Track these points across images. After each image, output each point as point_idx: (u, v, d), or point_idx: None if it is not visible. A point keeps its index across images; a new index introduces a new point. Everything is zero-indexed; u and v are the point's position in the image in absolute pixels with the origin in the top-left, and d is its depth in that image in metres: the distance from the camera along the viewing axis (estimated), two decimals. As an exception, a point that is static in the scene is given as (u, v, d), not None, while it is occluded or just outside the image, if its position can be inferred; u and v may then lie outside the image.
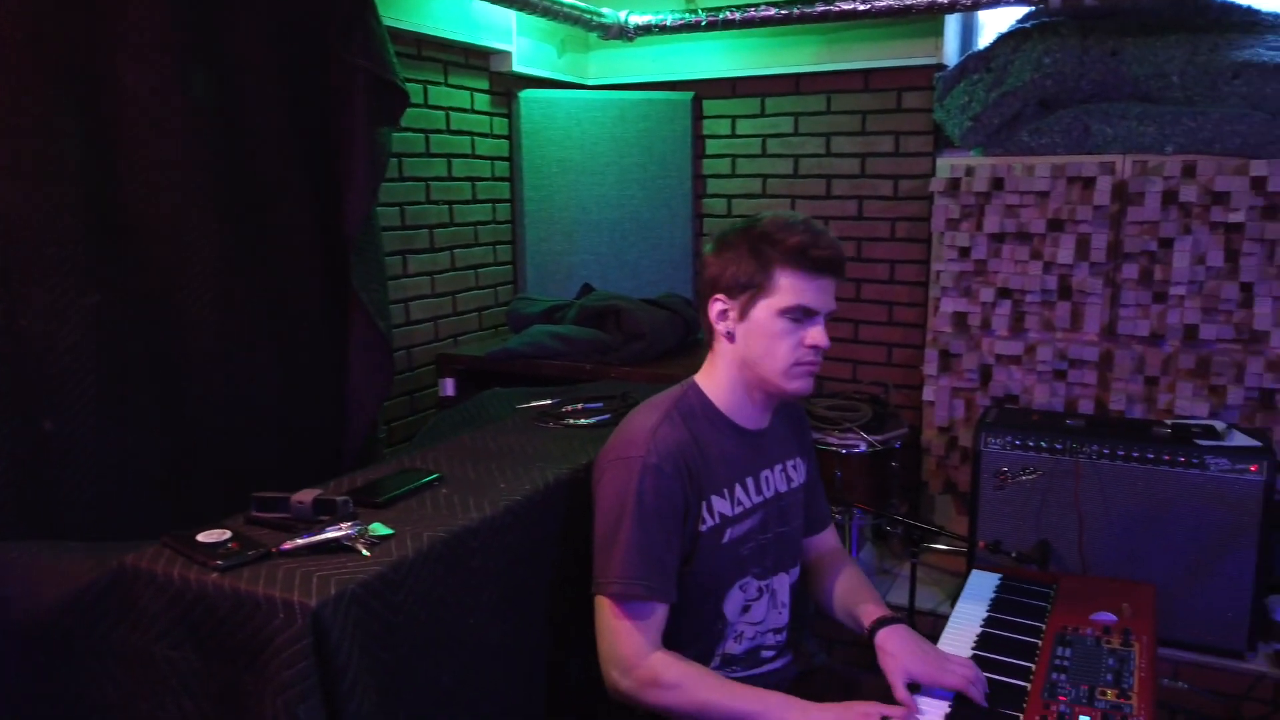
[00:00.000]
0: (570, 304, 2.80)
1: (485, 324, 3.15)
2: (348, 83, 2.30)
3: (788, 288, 1.49)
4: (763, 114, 3.33)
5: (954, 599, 1.87)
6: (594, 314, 2.66)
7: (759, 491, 1.63)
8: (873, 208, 3.21)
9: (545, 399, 2.10)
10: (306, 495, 1.31)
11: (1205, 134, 2.62)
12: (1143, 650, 1.63)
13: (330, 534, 1.24)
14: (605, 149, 3.26)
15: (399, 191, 2.75)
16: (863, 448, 2.93)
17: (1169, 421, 2.63)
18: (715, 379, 1.61)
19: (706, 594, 1.57)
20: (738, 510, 1.58)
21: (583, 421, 1.90)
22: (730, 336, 1.55)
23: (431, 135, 2.86)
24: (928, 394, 3.05)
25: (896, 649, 1.53)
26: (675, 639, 1.53)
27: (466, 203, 3.04)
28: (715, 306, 1.56)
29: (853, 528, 3.00)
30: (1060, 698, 1.47)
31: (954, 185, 2.93)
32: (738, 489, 1.59)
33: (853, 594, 1.71)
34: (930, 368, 3.04)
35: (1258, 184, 2.55)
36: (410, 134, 2.76)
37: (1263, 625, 2.47)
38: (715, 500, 1.55)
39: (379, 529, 1.29)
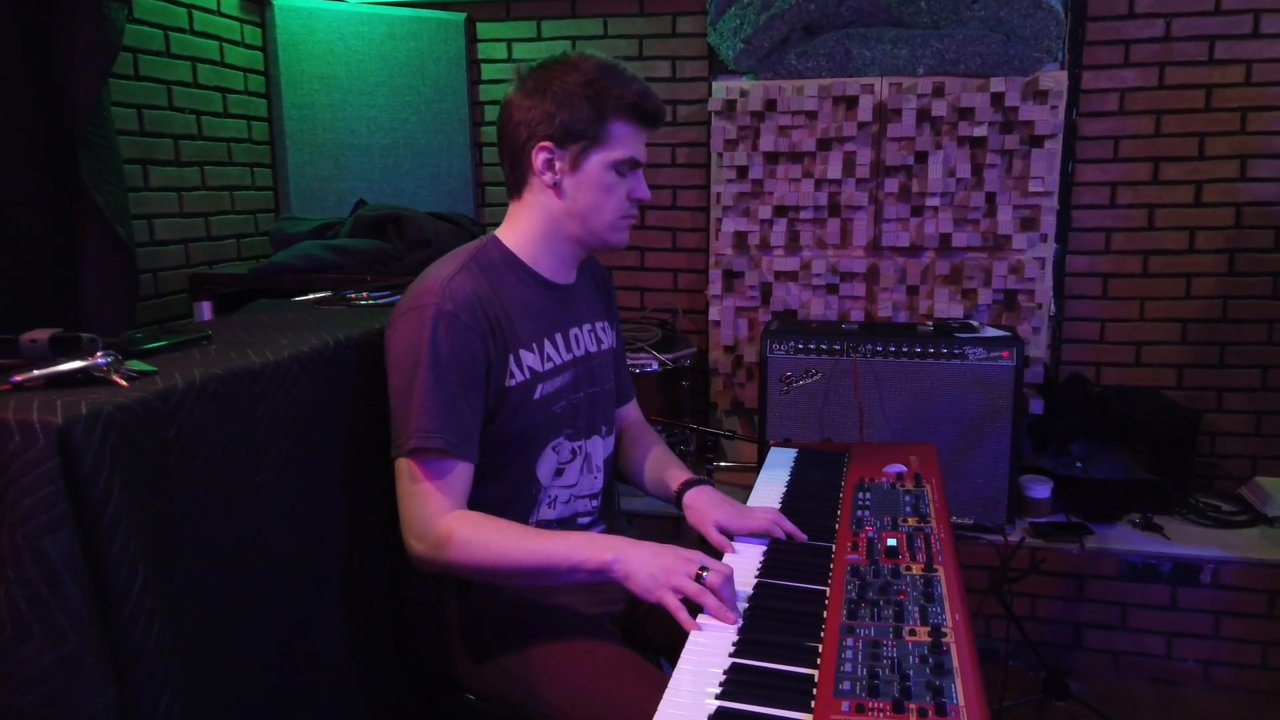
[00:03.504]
0: (343, 220, 2.59)
1: (245, 253, 2.86)
2: (68, -52, 1.99)
3: (623, 139, 1.44)
4: (539, 38, 3.26)
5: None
6: (371, 224, 2.47)
7: (569, 349, 1.56)
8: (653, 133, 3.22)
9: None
10: (41, 333, 1.09)
11: (951, 55, 2.84)
12: (934, 489, 1.71)
13: (76, 364, 1.03)
14: (374, 68, 3.06)
15: (135, 91, 2.43)
16: (654, 366, 2.94)
17: (930, 322, 2.83)
18: (520, 230, 1.52)
19: (518, 454, 1.48)
20: (548, 366, 1.50)
21: (369, 302, 1.74)
22: (557, 188, 1.47)
23: (171, 33, 2.55)
24: (713, 314, 3.11)
25: (703, 504, 1.58)
26: (487, 506, 1.42)
27: (217, 115, 2.74)
28: (540, 155, 1.46)
29: (648, 447, 3.00)
30: (867, 528, 1.51)
31: (730, 107, 3.00)
32: (547, 344, 1.51)
33: (660, 463, 1.74)
34: (715, 288, 3.10)
35: (997, 100, 2.80)
36: (145, 28, 2.45)
37: (1018, 502, 2.72)
38: (524, 354, 1.46)
39: (138, 365, 1.09)
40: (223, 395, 1.14)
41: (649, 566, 1.26)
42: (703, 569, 1.25)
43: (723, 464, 3.17)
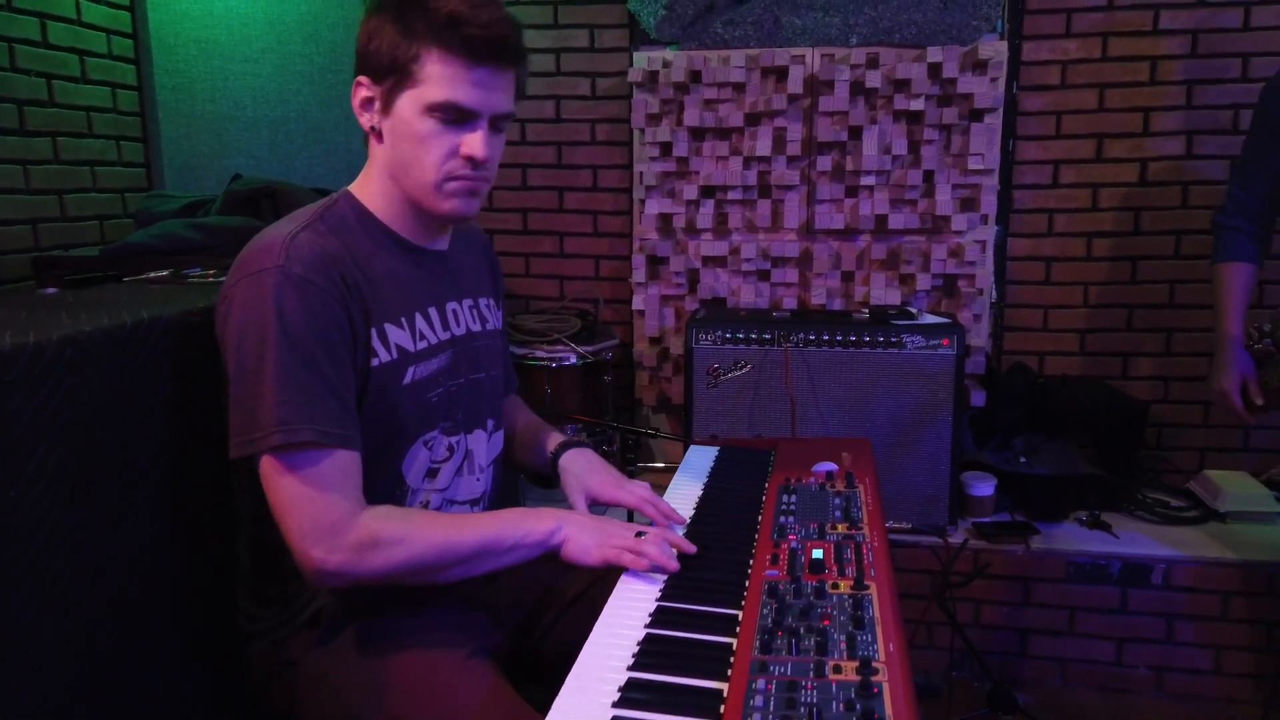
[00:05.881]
0: (216, 197, 2.30)
1: (110, 236, 2.55)
2: None
3: (437, 77, 1.15)
4: (446, 4, 2.99)
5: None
6: (243, 199, 2.19)
7: (446, 327, 1.32)
8: (571, 108, 2.99)
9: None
10: None
11: (886, 22, 2.65)
12: (868, 490, 1.51)
13: None
14: (260, 33, 2.76)
15: (-32, 48, 2.13)
16: (573, 359, 2.72)
17: (866, 309, 2.64)
18: (371, 185, 1.28)
19: (383, 450, 1.23)
20: (421, 345, 1.26)
21: (211, 279, 1.48)
22: (378, 134, 1.23)
23: (14, -16, 2.24)
24: (637, 303, 2.88)
25: (579, 468, 1.45)
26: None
27: (73, 80, 2.43)
28: (359, 93, 1.22)
29: (565, 447, 2.76)
30: (790, 537, 1.30)
31: (652, 78, 2.78)
32: (419, 319, 1.27)
33: (534, 429, 1.56)
34: (639, 275, 2.87)
35: (934, 71, 2.61)
36: (-18, -23, 2.14)
37: (959, 501, 2.54)
38: (390, 330, 1.21)
39: None
40: (-52, 385, 0.87)
41: (588, 531, 1.21)
42: (639, 533, 1.22)
43: (649, 464, 2.95)
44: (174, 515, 1.18)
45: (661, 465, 2.96)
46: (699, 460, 1.74)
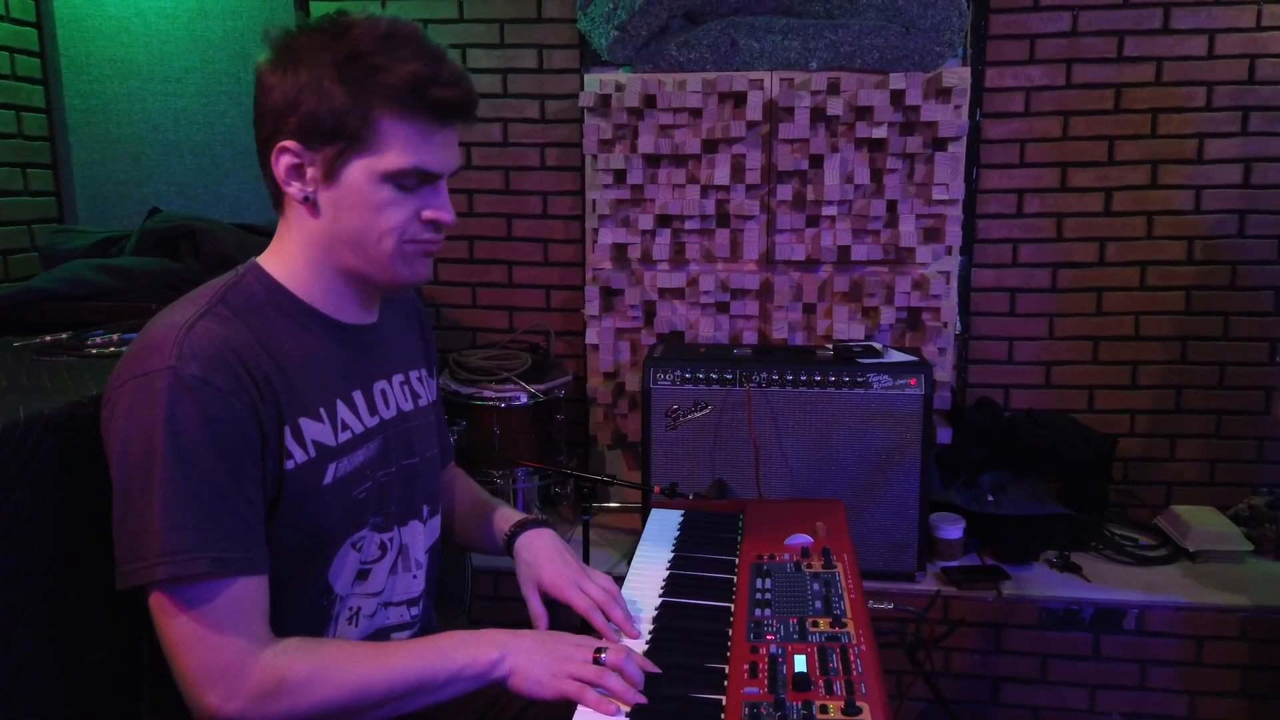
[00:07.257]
0: (131, 233, 2.12)
1: (15, 273, 2.34)
2: None
3: (399, 142, 1.04)
4: (385, 21, 2.82)
5: (631, 558, 1.54)
6: (160, 239, 2.00)
7: (373, 412, 1.16)
8: (519, 131, 2.84)
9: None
10: None
11: (847, 47, 2.55)
12: (846, 569, 1.40)
13: None
14: (181, 50, 2.57)
15: None
16: (524, 399, 2.57)
17: (830, 344, 2.54)
18: (287, 256, 1.12)
19: (305, 559, 1.08)
20: (344, 438, 1.11)
21: (113, 349, 1.31)
22: (311, 205, 1.07)
23: (-99, 1, 2.03)
24: (590, 336, 2.74)
25: (534, 556, 1.28)
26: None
27: (-29, 104, 2.23)
28: (284, 159, 1.06)
29: (517, 491, 2.62)
30: (768, 637, 1.18)
31: (604, 102, 2.64)
32: (340, 408, 1.11)
33: (481, 507, 1.41)
34: (592, 307, 2.73)
35: (897, 98, 2.52)
36: None
37: (928, 544, 2.45)
38: (306, 425, 1.06)
39: None
40: None
41: (539, 657, 1.04)
42: (598, 650, 1.06)
43: (604, 505, 2.81)
44: (58, 644, 1.01)
45: (617, 505, 2.82)
46: (661, 530, 1.61)
